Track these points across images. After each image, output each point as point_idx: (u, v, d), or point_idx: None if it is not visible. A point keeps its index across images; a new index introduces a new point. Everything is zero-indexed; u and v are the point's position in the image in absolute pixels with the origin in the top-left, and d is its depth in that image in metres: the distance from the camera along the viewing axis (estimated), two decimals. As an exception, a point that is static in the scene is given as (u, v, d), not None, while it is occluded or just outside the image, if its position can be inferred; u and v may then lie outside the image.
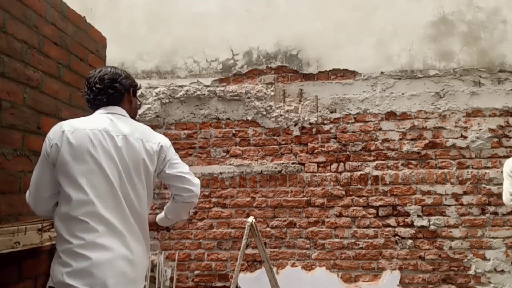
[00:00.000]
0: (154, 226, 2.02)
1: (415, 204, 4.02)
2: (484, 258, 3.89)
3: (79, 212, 1.50)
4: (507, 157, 3.93)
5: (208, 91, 4.36)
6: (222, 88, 4.35)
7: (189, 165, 4.27)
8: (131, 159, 1.69)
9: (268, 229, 4.15)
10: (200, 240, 4.20)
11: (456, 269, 3.90)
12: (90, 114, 1.76)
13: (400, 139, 4.11)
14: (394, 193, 4.05)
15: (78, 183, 1.51)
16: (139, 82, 4.56)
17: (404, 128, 4.12)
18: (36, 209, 1.63)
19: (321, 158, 4.17)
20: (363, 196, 4.09)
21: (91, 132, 1.60)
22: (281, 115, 4.27)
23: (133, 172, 1.68)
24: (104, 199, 1.54)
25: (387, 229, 4.02)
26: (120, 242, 1.54)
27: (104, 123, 1.68)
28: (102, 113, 1.74)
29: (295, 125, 4.25)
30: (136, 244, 1.61)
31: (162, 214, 1.99)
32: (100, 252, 1.47)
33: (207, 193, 4.24)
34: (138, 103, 2.02)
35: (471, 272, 3.87)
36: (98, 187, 1.54)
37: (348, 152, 4.16)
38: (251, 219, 3.21)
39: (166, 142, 1.94)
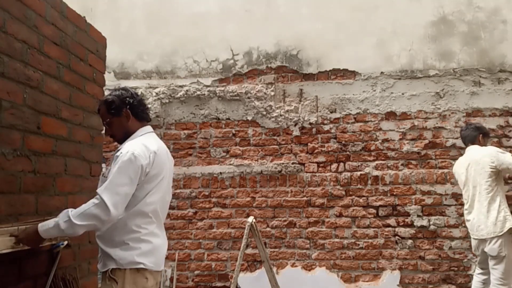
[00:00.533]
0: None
1: (415, 204, 4.02)
2: (484, 258, 3.88)
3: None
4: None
5: (208, 91, 4.36)
6: (222, 88, 4.35)
7: (189, 165, 4.29)
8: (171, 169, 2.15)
9: (268, 229, 4.14)
10: (200, 240, 4.20)
11: (456, 269, 3.90)
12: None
13: (400, 139, 4.11)
14: (394, 193, 4.05)
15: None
16: (139, 82, 4.59)
17: (404, 128, 4.12)
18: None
19: (321, 158, 4.17)
20: (363, 196, 4.09)
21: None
22: (281, 115, 4.27)
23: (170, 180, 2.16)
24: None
25: (387, 229, 4.02)
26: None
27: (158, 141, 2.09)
28: (151, 132, 2.10)
29: (295, 125, 4.24)
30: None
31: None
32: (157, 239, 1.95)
33: (207, 193, 4.24)
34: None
35: (471, 272, 3.86)
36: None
37: (348, 152, 4.16)
38: (251, 219, 3.21)
39: None
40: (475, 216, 3.27)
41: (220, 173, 4.25)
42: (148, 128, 2.07)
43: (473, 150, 3.40)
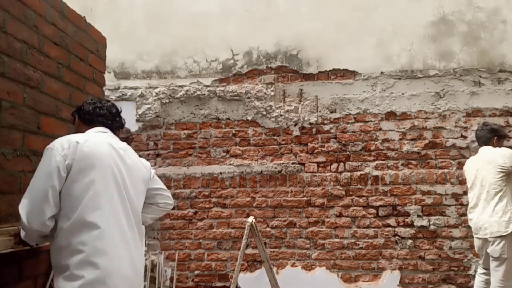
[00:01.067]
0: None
1: (415, 204, 4.02)
2: (484, 258, 3.88)
3: None
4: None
5: (208, 91, 4.36)
6: (222, 88, 4.35)
7: (189, 165, 4.29)
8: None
9: (268, 229, 4.14)
10: (200, 240, 4.20)
11: (456, 269, 3.90)
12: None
13: (400, 139, 4.11)
14: (394, 193, 4.05)
15: None
16: (139, 82, 4.60)
17: (404, 128, 4.12)
18: None
19: (321, 158, 4.17)
20: (363, 196, 4.09)
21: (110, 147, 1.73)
22: (281, 115, 4.27)
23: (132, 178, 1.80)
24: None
25: (387, 229, 4.02)
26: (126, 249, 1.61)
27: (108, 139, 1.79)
28: (100, 132, 1.82)
29: (295, 125, 4.24)
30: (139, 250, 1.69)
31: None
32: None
33: (207, 193, 4.24)
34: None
35: (471, 272, 3.87)
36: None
37: (348, 152, 4.16)
38: (251, 219, 3.21)
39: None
40: (479, 215, 3.26)
41: (220, 173, 4.25)
42: (97, 128, 1.81)
43: (486, 151, 3.37)
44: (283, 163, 4.20)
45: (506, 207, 3.15)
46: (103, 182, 1.61)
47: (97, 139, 1.70)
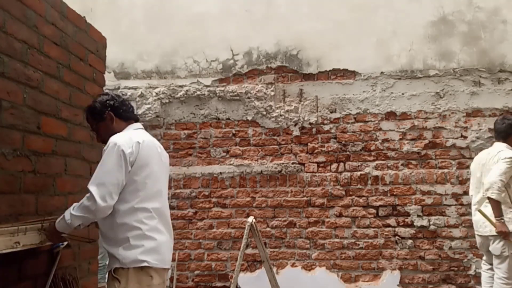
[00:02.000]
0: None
1: (415, 204, 4.02)
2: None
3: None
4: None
5: (208, 91, 4.36)
6: (222, 88, 4.35)
7: (189, 165, 4.29)
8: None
9: (268, 229, 4.14)
10: (200, 240, 4.20)
11: (456, 269, 3.90)
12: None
13: (400, 139, 4.11)
14: (394, 193, 4.05)
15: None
16: (139, 82, 4.60)
17: (404, 128, 4.12)
18: None
19: (321, 158, 4.17)
20: (363, 196, 4.09)
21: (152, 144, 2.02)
22: (281, 115, 4.27)
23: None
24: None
25: (387, 229, 4.02)
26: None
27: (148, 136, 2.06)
28: (140, 128, 2.08)
29: (295, 125, 4.24)
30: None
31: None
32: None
33: (207, 193, 4.24)
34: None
35: (471, 272, 3.87)
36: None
37: (348, 152, 4.16)
38: (251, 219, 3.21)
39: None
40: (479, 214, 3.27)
41: (220, 173, 4.25)
42: (136, 125, 2.07)
43: (496, 148, 3.27)
44: (283, 163, 4.20)
45: (509, 208, 3.14)
46: (155, 176, 1.94)
47: (148, 138, 1.99)
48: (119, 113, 2.02)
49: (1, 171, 1.83)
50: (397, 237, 4.00)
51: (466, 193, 3.96)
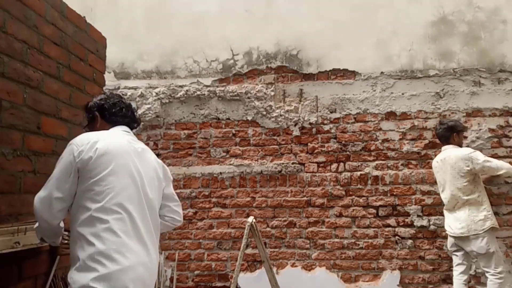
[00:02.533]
0: None
1: (415, 204, 4.02)
2: (484, 258, 3.88)
3: None
4: (507, 157, 3.93)
5: (208, 91, 4.36)
6: (222, 88, 4.35)
7: (189, 165, 4.29)
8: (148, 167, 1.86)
9: (268, 229, 4.14)
10: (200, 240, 4.20)
11: (456, 269, 3.90)
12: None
13: (400, 139, 4.11)
14: (394, 193, 4.05)
15: None
16: (139, 82, 4.59)
17: (404, 128, 4.12)
18: None
19: (321, 158, 4.17)
20: (363, 196, 4.09)
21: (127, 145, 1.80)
22: (281, 115, 4.27)
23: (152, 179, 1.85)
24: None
25: (387, 229, 4.02)
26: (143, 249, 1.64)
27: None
28: (122, 131, 1.89)
29: (295, 125, 4.24)
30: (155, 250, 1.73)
31: None
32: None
33: (207, 193, 4.24)
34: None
35: (471, 272, 3.86)
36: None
37: (348, 152, 4.16)
38: (251, 219, 3.21)
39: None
40: (455, 215, 3.34)
41: (220, 173, 4.25)
42: (119, 127, 1.88)
43: (448, 152, 3.45)
44: (283, 163, 4.20)
45: (481, 206, 3.26)
46: (120, 179, 1.65)
47: (119, 138, 1.77)
48: (105, 114, 1.87)
49: (1, 171, 1.83)
50: (397, 237, 4.00)
51: (466, 193, 3.97)
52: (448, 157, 3.40)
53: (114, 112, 1.88)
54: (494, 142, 4.00)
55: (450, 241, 3.48)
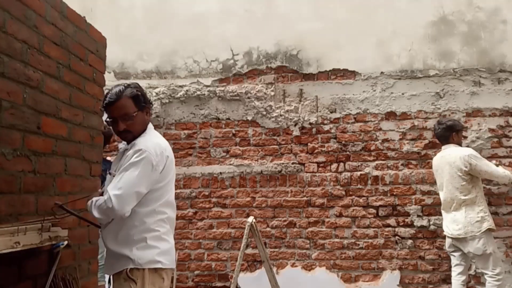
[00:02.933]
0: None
1: (415, 204, 4.02)
2: (484, 258, 3.88)
3: None
4: (507, 157, 3.93)
5: (208, 91, 4.36)
6: (222, 88, 4.35)
7: (189, 165, 4.29)
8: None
9: (268, 229, 4.14)
10: (200, 240, 4.20)
11: (456, 269, 3.89)
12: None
13: (400, 139, 4.11)
14: (394, 193, 4.05)
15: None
16: (139, 82, 4.57)
17: (404, 128, 4.12)
18: None
19: (321, 158, 4.17)
20: (363, 196, 4.09)
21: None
22: (281, 115, 4.27)
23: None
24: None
25: (387, 229, 4.02)
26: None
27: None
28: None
29: (295, 125, 4.24)
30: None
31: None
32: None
33: (207, 193, 4.24)
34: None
35: (471, 272, 3.86)
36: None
37: (348, 152, 4.16)
38: (251, 219, 3.21)
39: None
40: (452, 216, 3.33)
41: (220, 173, 4.25)
42: (151, 124, 2.17)
43: (448, 151, 3.44)
44: (283, 163, 4.20)
45: (478, 207, 3.25)
46: (172, 184, 2.04)
47: (168, 145, 2.09)
48: (150, 108, 2.12)
49: (1, 171, 1.83)
50: (397, 237, 4.00)
51: (466, 193, 3.96)
52: (448, 155, 3.40)
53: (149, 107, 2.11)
54: (494, 142, 4.00)
55: (448, 241, 3.47)
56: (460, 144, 3.52)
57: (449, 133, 3.47)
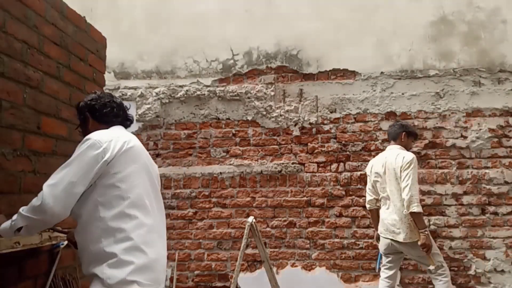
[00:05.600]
0: None
1: (415, 204, 4.01)
2: (484, 258, 3.89)
3: None
4: (507, 157, 3.94)
5: (208, 91, 4.36)
6: (222, 88, 4.35)
7: (189, 165, 4.29)
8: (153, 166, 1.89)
9: (268, 229, 4.14)
10: (200, 240, 4.20)
11: (456, 269, 3.90)
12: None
13: (400, 139, 4.10)
14: (394, 193, 4.05)
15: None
16: (139, 82, 4.59)
17: (404, 128, 4.11)
18: None
19: (321, 158, 4.17)
20: (363, 196, 4.08)
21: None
22: (281, 115, 4.27)
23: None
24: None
25: (387, 229, 4.01)
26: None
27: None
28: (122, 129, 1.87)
29: (295, 125, 4.24)
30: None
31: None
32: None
33: (207, 193, 4.24)
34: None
35: (471, 272, 3.87)
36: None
37: (348, 152, 4.16)
38: (251, 219, 3.21)
39: None
40: (391, 218, 3.20)
41: (220, 173, 4.25)
42: (117, 127, 1.83)
43: (390, 152, 3.29)
44: (283, 163, 4.20)
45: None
46: (144, 187, 1.71)
47: (139, 143, 1.79)
48: (96, 115, 1.81)
49: (1, 171, 1.83)
50: (397, 237, 3.99)
51: (466, 193, 3.97)
52: (389, 157, 3.24)
53: (106, 113, 1.82)
54: (494, 142, 4.00)
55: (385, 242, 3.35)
56: (407, 148, 3.34)
57: (401, 131, 3.32)
